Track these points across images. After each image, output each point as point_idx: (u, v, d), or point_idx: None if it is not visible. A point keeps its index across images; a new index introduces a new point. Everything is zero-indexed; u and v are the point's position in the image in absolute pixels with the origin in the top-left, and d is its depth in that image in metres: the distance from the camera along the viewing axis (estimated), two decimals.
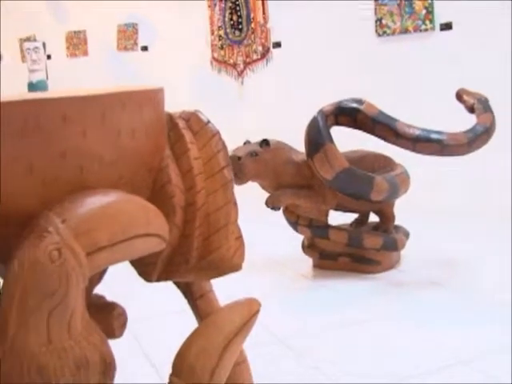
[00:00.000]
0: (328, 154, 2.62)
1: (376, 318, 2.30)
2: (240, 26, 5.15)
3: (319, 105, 2.79)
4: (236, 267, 1.16)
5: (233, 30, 5.21)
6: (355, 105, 2.76)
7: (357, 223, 3.02)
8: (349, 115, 2.76)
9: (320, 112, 2.73)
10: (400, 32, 4.09)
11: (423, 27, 3.96)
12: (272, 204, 2.77)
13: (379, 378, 1.82)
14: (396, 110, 2.83)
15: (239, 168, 2.67)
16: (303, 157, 2.78)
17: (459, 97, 2.88)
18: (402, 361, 1.93)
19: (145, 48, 5.90)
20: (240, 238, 1.16)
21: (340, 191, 2.71)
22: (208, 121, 1.18)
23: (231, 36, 5.23)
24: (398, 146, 2.73)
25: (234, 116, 5.02)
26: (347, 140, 2.88)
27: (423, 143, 2.65)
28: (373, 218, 3.03)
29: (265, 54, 5.02)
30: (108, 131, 0.99)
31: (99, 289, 1.24)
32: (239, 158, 2.68)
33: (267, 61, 5.01)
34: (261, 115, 4.95)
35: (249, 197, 2.49)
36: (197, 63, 5.47)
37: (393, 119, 2.74)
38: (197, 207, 1.12)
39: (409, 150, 2.71)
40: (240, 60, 5.20)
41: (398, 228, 2.96)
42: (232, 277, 1.21)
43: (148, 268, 1.14)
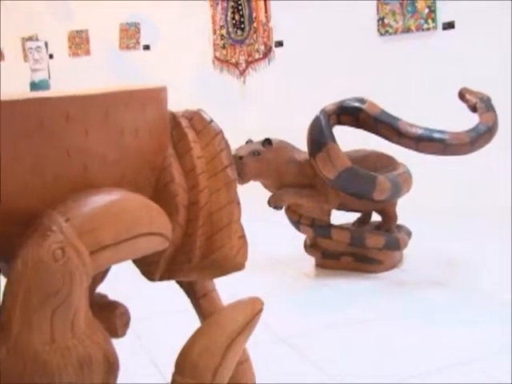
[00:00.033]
0: (330, 154, 2.62)
1: (378, 318, 2.30)
2: (242, 26, 5.15)
3: (321, 104, 2.78)
4: (239, 266, 1.16)
5: (235, 30, 5.21)
6: (357, 104, 2.76)
7: (359, 223, 3.02)
8: (351, 114, 2.76)
9: (322, 111, 2.73)
10: (402, 31, 4.08)
11: (425, 26, 3.95)
12: (274, 203, 2.77)
13: (380, 378, 1.81)
14: (398, 109, 2.83)
15: (241, 167, 2.67)
16: (305, 156, 2.78)
17: (462, 96, 2.88)
18: (404, 360, 1.92)
19: (147, 47, 5.90)
20: (243, 237, 1.16)
21: (342, 190, 2.70)
22: (211, 120, 1.18)
23: (233, 35, 5.22)
24: (401, 146, 2.73)
25: (236, 115, 5.01)
26: (349, 139, 2.88)
27: (426, 142, 2.65)
28: (375, 218, 3.02)
29: (267, 54, 5.01)
30: (111, 130, 0.99)
31: (102, 288, 1.24)
32: (241, 158, 2.68)
33: (269, 60, 5.01)
34: (263, 114, 4.95)
35: (251, 196, 2.49)
36: (199, 62, 5.47)
37: (395, 118, 2.73)
38: (200, 206, 1.12)
39: (411, 150, 2.70)
40: (242, 59, 5.20)
41: (401, 227, 2.96)
42: (234, 276, 1.20)
43: (151, 267, 1.14)
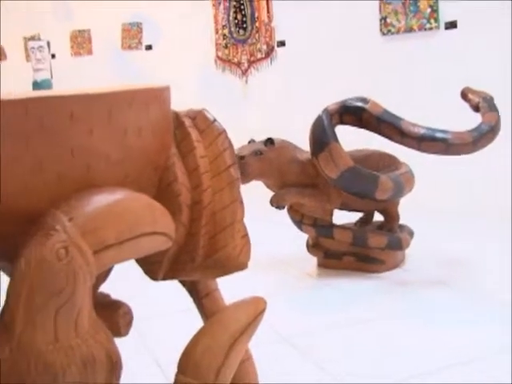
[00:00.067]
0: (333, 153, 2.62)
1: (380, 317, 2.30)
2: (244, 25, 5.15)
3: (324, 104, 2.78)
4: (242, 266, 1.16)
5: (237, 29, 5.21)
6: (360, 104, 2.75)
7: (361, 222, 3.01)
8: (354, 114, 2.75)
9: (325, 111, 2.73)
10: (405, 31, 4.08)
11: (428, 26, 3.95)
12: (276, 203, 2.77)
13: (381, 378, 1.81)
14: (401, 109, 2.83)
15: (243, 167, 2.66)
16: (308, 156, 2.77)
17: (464, 95, 2.88)
18: (404, 360, 1.92)
19: (149, 47, 5.90)
20: (246, 237, 1.16)
21: (345, 190, 2.70)
22: (214, 119, 1.18)
23: (235, 35, 5.22)
24: (403, 145, 2.72)
25: (239, 115, 5.01)
26: (352, 139, 2.88)
27: (428, 142, 2.64)
28: (377, 218, 3.02)
29: (269, 53, 5.01)
30: (114, 130, 0.99)
31: (105, 287, 1.24)
32: (243, 157, 2.68)
33: (271, 60, 5.01)
34: (265, 114, 4.95)
35: (253, 196, 2.49)
36: (201, 62, 5.47)
37: (398, 118, 2.73)
38: (203, 205, 1.12)
39: (414, 149, 2.70)
40: (244, 59, 5.20)
41: (403, 227, 2.96)
42: (236, 276, 1.20)
43: (154, 266, 1.14)
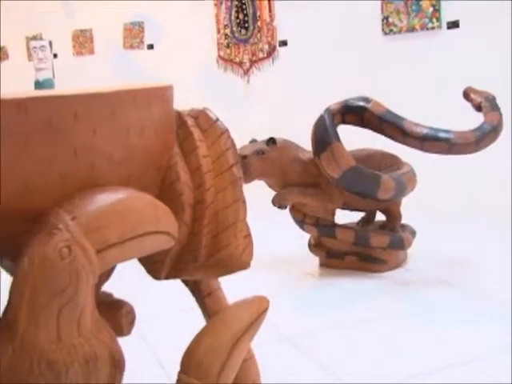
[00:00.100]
0: (335, 153, 2.62)
1: (382, 317, 2.30)
2: (246, 25, 5.15)
3: (326, 103, 2.78)
4: (244, 265, 1.16)
5: (239, 29, 5.21)
6: (362, 103, 2.75)
7: (363, 222, 3.01)
8: (356, 114, 2.75)
9: (327, 110, 2.73)
10: (407, 30, 4.08)
11: (430, 25, 3.94)
12: (278, 202, 2.77)
13: (381, 378, 1.81)
14: (403, 109, 2.82)
15: (245, 166, 2.66)
16: (310, 155, 2.77)
17: (466, 95, 2.87)
18: (405, 360, 1.92)
19: (151, 46, 5.90)
20: (248, 236, 1.16)
21: (347, 190, 2.70)
22: (217, 119, 1.18)
23: (237, 34, 5.22)
24: (406, 145, 2.72)
25: (240, 114, 5.01)
26: (354, 138, 2.87)
27: (431, 142, 2.64)
28: (379, 217, 3.02)
29: (271, 53, 5.01)
30: (117, 129, 0.99)
31: (107, 286, 1.24)
32: (245, 157, 2.68)
33: (273, 59, 5.01)
34: (267, 114, 4.95)
35: (255, 195, 2.49)
36: (203, 61, 5.47)
37: (400, 118, 2.73)
38: (205, 205, 1.12)
39: (416, 149, 2.70)
40: (246, 58, 5.20)
41: (405, 227, 2.96)
42: (238, 275, 1.20)
43: (156, 266, 1.14)
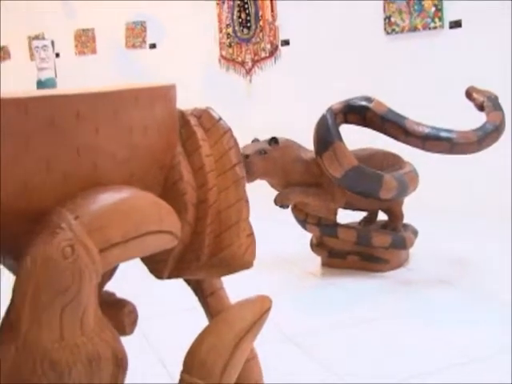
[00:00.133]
0: (337, 152, 2.62)
1: (384, 317, 2.29)
2: (248, 24, 5.15)
3: (328, 103, 2.78)
4: (247, 264, 1.16)
5: (241, 28, 5.20)
6: (364, 103, 2.75)
7: (365, 221, 3.01)
8: (358, 113, 2.75)
9: (329, 110, 2.73)
10: (409, 30, 4.07)
11: (432, 25, 3.94)
12: (281, 202, 2.77)
13: (381, 378, 1.81)
14: (405, 108, 2.82)
15: (248, 166, 2.66)
16: (312, 155, 2.77)
17: (469, 95, 2.87)
18: (406, 360, 1.92)
19: (153, 46, 5.90)
20: (251, 236, 1.16)
21: (349, 189, 2.70)
22: (220, 118, 1.18)
23: (239, 34, 5.22)
24: (408, 144, 2.72)
25: (243, 114, 5.01)
26: (356, 138, 2.87)
27: (433, 141, 2.64)
28: (381, 217, 3.02)
29: (273, 52, 5.01)
30: (120, 128, 0.99)
31: (109, 286, 1.24)
32: (247, 156, 2.68)
33: (275, 59, 5.01)
34: (269, 113, 4.95)
35: (257, 195, 2.49)
36: (205, 61, 5.47)
37: (402, 117, 2.73)
38: (208, 204, 1.12)
39: (418, 148, 2.69)
40: (248, 58, 5.20)
41: (407, 226, 2.96)
42: (239, 275, 1.20)
43: (159, 265, 1.14)
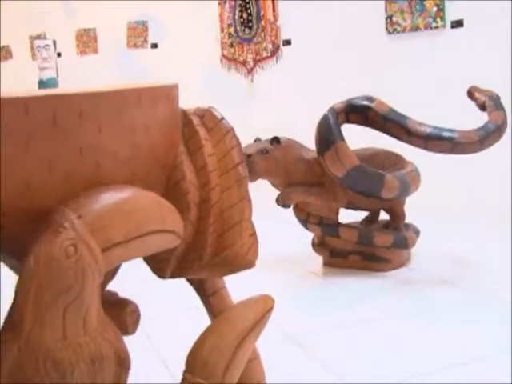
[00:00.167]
0: (339, 152, 2.61)
1: (386, 316, 2.29)
2: (250, 24, 5.15)
3: (330, 102, 2.78)
4: (250, 264, 1.16)
5: (243, 28, 5.20)
6: (366, 102, 2.75)
7: (367, 221, 3.01)
8: (360, 113, 2.75)
9: (331, 109, 2.73)
10: (411, 30, 4.07)
11: (434, 25, 3.93)
12: (282, 202, 2.77)
13: (381, 378, 1.80)
14: (407, 108, 2.82)
15: (249, 165, 2.66)
16: (314, 154, 2.77)
17: (470, 94, 2.87)
18: (408, 360, 1.92)
19: (155, 45, 5.90)
20: (254, 235, 1.15)
21: (351, 189, 2.70)
22: (222, 117, 1.18)
23: (241, 34, 5.22)
24: (410, 144, 2.72)
25: (244, 113, 5.01)
26: (358, 137, 2.87)
27: (435, 141, 2.64)
28: (383, 216, 3.02)
29: (275, 52, 5.01)
30: (123, 128, 0.99)
31: (112, 285, 1.24)
32: (249, 156, 2.67)
33: (277, 58, 5.00)
34: (271, 113, 4.94)
35: (259, 194, 2.49)
36: (206, 61, 5.47)
37: (404, 117, 2.72)
38: (211, 204, 1.11)
39: (420, 148, 2.69)
40: (250, 58, 5.20)
41: (409, 226, 2.95)
42: (241, 274, 1.20)
43: (162, 264, 1.14)
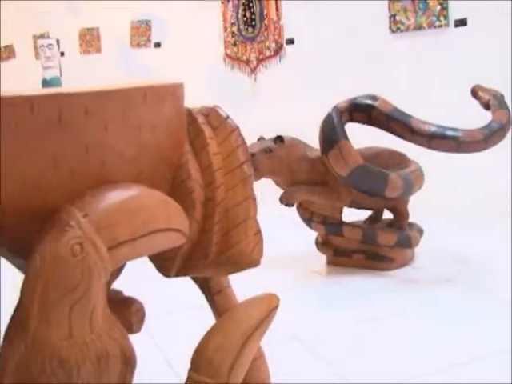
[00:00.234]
0: (343, 151, 2.61)
1: (389, 316, 2.29)
2: (253, 23, 5.14)
3: (333, 101, 2.78)
4: (254, 263, 1.16)
5: (246, 27, 5.20)
6: (370, 101, 2.74)
7: (371, 220, 3.01)
8: (363, 112, 2.75)
9: (334, 108, 2.73)
10: (414, 28, 4.07)
11: (437, 23, 3.93)
12: (286, 200, 2.77)
13: (383, 378, 1.80)
14: (410, 107, 2.82)
15: (253, 164, 2.65)
16: (318, 153, 2.77)
17: (474, 93, 2.86)
18: (408, 360, 1.91)
19: (158, 44, 5.90)
20: (259, 234, 1.15)
21: (354, 188, 2.70)
22: (227, 116, 1.18)
23: (244, 33, 5.22)
24: (413, 143, 2.71)
25: (248, 113, 5.01)
26: (362, 137, 2.87)
27: (439, 140, 2.63)
28: (387, 215, 3.02)
29: (278, 51, 5.01)
30: (129, 126, 0.99)
31: (117, 284, 1.25)
32: (253, 155, 2.67)
33: (280, 57, 5.00)
34: (274, 112, 4.94)
35: (262, 193, 2.49)
36: (210, 60, 5.47)
37: (408, 116, 2.72)
38: (216, 202, 1.12)
39: (424, 147, 2.69)
40: (253, 57, 5.20)
41: (412, 225, 2.95)
42: (244, 273, 1.20)
43: (167, 263, 1.15)
